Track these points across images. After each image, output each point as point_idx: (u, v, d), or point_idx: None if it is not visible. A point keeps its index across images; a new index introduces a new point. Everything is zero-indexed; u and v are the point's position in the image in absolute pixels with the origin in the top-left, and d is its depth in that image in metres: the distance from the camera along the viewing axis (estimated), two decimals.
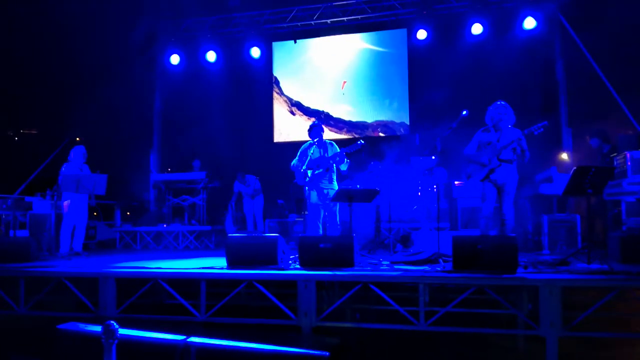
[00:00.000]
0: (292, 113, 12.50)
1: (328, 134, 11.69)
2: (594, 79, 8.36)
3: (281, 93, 12.60)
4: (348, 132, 11.99)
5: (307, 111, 12.40)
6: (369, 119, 11.89)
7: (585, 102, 9.10)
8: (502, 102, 5.96)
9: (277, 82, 12.64)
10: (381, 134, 11.71)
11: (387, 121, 11.73)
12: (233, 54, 12.26)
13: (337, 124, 12.09)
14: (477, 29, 10.41)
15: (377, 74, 11.88)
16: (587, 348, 4.47)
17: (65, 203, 7.32)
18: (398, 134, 11.56)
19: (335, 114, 12.16)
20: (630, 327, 4.38)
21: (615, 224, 6.71)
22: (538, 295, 4.32)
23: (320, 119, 12.04)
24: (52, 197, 7.82)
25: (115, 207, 10.75)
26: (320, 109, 12.27)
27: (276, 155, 10.42)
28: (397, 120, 11.67)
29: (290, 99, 12.55)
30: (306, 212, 7.32)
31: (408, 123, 11.54)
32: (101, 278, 5.20)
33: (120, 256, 7.65)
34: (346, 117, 12.06)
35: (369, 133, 11.81)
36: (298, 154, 6.90)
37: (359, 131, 11.92)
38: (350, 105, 12.03)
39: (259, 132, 12.34)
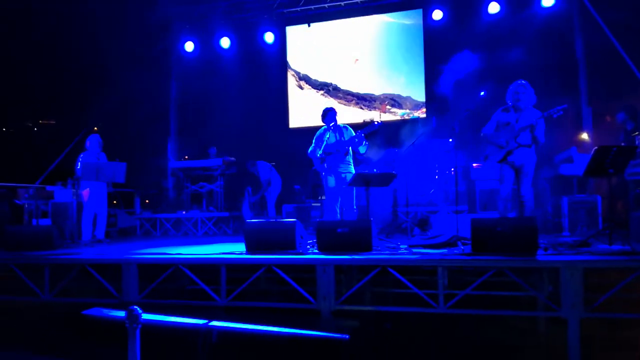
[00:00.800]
0: (300, 87, 12.46)
1: (336, 106, 11.76)
2: (615, 57, 8.14)
3: (288, 67, 12.56)
4: (357, 104, 11.94)
5: (315, 84, 12.34)
6: (377, 91, 11.85)
7: (605, 81, 8.90)
8: (523, 81, 5.86)
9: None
10: (388, 107, 11.69)
11: (394, 95, 11.70)
12: (247, 39, 12.23)
13: (346, 95, 12.04)
14: (494, 7, 10.23)
15: (389, 50, 11.80)
16: (609, 329, 4.43)
17: (85, 192, 7.43)
18: (404, 107, 11.58)
19: (343, 86, 12.10)
20: None
21: (637, 204, 6.60)
22: (559, 277, 4.30)
23: (329, 90, 12.07)
24: (73, 186, 7.94)
25: (134, 195, 10.87)
26: (329, 81, 12.23)
27: (292, 141, 10.39)
28: (404, 95, 11.63)
29: (297, 73, 12.49)
30: (323, 197, 7.33)
31: (415, 98, 11.53)
32: (124, 264, 5.30)
33: (141, 243, 7.77)
34: (354, 89, 12.02)
35: (377, 106, 11.79)
36: (314, 140, 6.90)
37: (367, 103, 11.87)
38: (359, 77, 11.99)
39: (275, 117, 12.32)
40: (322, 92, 12.20)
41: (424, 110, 11.38)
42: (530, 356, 4.68)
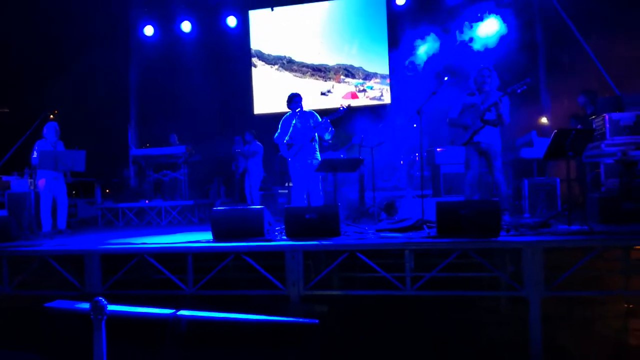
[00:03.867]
0: (254, 65, 12.39)
1: (292, 80, 11.99)
2: (573, 43, 8.37)
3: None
4: (312, 75, 12.05)
5: (268, 59, 12.33)
6: (330, 62, 12.00)
7: (564, 66, 9.14)
8: (486, 65, 5.98)
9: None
10: (342, 77, 11.86)
11: (347, 65, 11.90)
12: (209, 23, 12.02)
13: (301, 68, 12.12)
14: None
15: (345, 23, 11.94)
16: (569, 307, 4.60)
17: (41, 181, 7.18)
18: (357, 77, 11.79)
19: (297, 58, 12.14)
20: (610, 285, 4.51)
21: (594, 186, 6.84)
22: (520, 258, 4.42)
23: (283, 64, 12.09)
24: (30, 176, 7.67)
25: (95, 184, 10.58)
26: (282, 54, 12.22)
27: (257, 128, 10.30)
28: (356, 65, 11.86)
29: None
30: (290, 184, 7.31)
31: (366, 69, 11.78)
32: (86, 255, 5.16)
33: (103, 233, 7.58)
34: (308, 61, 12.09)
35: (331, 76, 11.96)
36: (280, 125, 6.84)
37: (321, 74, 12.01)
38: (312, 48, 12.08)
39: (239, 103, 12.18)
40: (276, 66, 12.20)
41: (378, 80, 11.61)
42: (494, 334, 4.81)
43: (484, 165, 6.09)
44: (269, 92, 12.19)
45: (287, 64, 12.11)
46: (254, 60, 12.34)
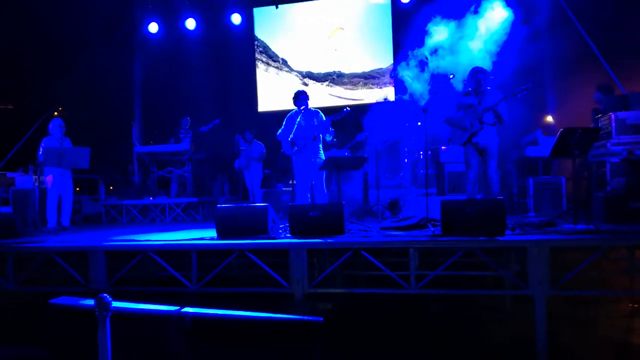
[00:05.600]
0: (305, 84, 12.06)
1: (343, 93, 11.67)
2: (579, 41, 8.33)
3: (291, 70, 12.26)
4: (364, 85, 11.66)
5: (318, 78, 12.02)
6: (384, 64, 11.56)
7: (570, 65, 9.09)
8: (478, 67, 6.02)
9: (282, 59, 12.33)
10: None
11: None
12: (213, 21, 12.02)
13: (352, 79, 11.71)
14: None
15: (372, 23, 11.70)
16: (574, 306, 4.58)
17: (48, 178, 7.21)
18: None
19: (347, 70, 11.82)
20: (616, 285, 4.50)
21: (599, 185, 6.81)
22: (526, 257, 4.40)
23: (334, 79, 11.86)
24: (34, 172, 7.69)
25: (99, 181, 10.60)
26: (332, 70, 11.90)
27: (260, 125, 10.29)
28: None
29: (300, 72, 12.17)
30: (293, 182, 7.30)
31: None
32: (91, 252, 5.17)
33: (107, 230, 7.58)
34: (359, 70, 11.68)
35: (387, 80, 11.52)
36: (284, 122, 6.83)
37: (375, 81, 11.58)
38: (361, 55, 11.72)
39: (243, 101, 12.16)
40: (327, 82, 11.92)
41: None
42: (499, 333, 4.80)
43: (482, 164, 6.12)
44: (272, 90, 12.09)
45: (338, 78, 11.78)
46: (306, 80, 12.05)
